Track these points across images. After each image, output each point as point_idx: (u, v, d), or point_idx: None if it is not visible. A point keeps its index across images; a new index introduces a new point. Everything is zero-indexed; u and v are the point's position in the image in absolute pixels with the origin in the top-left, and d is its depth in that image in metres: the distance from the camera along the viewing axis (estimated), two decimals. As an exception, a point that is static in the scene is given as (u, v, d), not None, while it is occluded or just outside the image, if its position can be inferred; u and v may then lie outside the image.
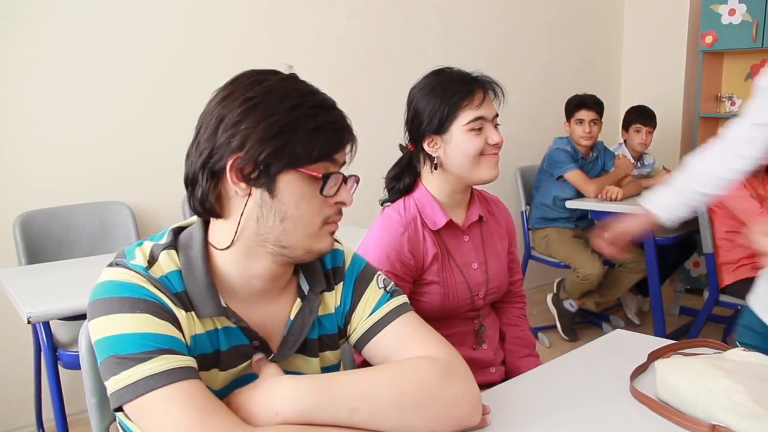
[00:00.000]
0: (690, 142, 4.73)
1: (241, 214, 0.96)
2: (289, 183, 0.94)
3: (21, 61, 2.68)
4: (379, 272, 1.17)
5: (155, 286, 0.93)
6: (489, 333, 1.64)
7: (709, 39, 4.40)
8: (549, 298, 3.90)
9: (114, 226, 2.86)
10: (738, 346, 1.25)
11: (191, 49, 3.08)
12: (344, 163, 1.00)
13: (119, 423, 1.01)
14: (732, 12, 4.28)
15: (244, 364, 1.02)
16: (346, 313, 1.13)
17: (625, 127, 3.96)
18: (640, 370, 1.24)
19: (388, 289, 1.13)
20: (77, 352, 1.23)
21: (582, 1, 4.70)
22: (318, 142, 0.93)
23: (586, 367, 1.31)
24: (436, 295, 1.50)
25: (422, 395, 0.96)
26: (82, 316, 1.70)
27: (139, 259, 0.97)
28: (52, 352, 2.08)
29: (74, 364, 2.11)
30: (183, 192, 3.42)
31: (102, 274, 0.96)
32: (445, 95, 1.47)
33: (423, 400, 0.95)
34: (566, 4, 4.60)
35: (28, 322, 1.81)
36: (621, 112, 4.95)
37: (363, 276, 1.14)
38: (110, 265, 0.97)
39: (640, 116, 3.91)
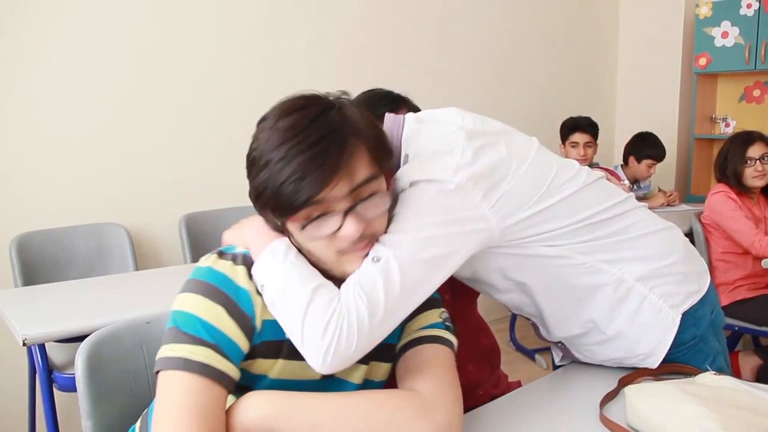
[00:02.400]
0: (685, 163, 4.75)
1: None
2: (292, 228, 1.01)
3: (17, 82, 2.70)
4: (444, 309, 1.18)
5: (248, 272, 1.02)
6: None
7: (703, 61, 4.44)
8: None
9: (110, 248, 2.85)
10: (708, 370, 1.25)
11: (188, 69, 3.10)
12: (349, 193, 0.97)
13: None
14: (725, 35, 4.33)
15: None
16: (405, 324, 1.14)
17: (637, 156, 3.92)
18: (610, 396, 1.22)
19: (445, 321, 1.15)
20: (73, 374, 1.23)
21: (576, 23, 4.75)
22: (280, 204, 0.96)
23: (556, 394, 1.30)
24: None
25: (390, 424, 0.95)
26: (77, 338, 1.70)
27: (242, 248, 1.07)
28: (47, 374, 2.07)
29: (69, 387, 2.10)
30: (180, 213, 3.43)
31: (207, 259, 1.06)
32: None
33: (391, 429, 0.95)
34: (560, 28, 4.64)
35: (24, 344, 1.81)
36: (616, 134, 4.97)
37: (433, 301, 1.16)
38: (215, 253, 1.06)
39: (657, 151, 3.88)
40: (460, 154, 1.10)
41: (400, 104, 1.52)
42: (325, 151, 0.94)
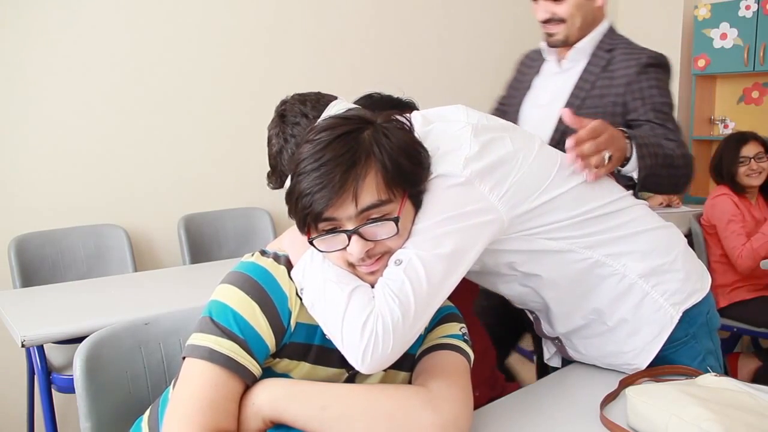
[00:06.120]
0: (684, 165, 4.74)
1: None
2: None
3: (16, 85, 2.69)
4: (464, 324, 1.22)
5: (288, 273, 1.06)
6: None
7: (701, 62, 4.44)
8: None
9: (109, 249, 2.85)
10: (708, 371, 1.25)
11: (188, 72, 3.10)
12: (357, 214, 1.00)
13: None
14: (724, 36, 4.33)
15: (333, 371, 1.09)
16: (426, 333, 1.17)
17: None
18: (611, 397, 1.22)
19: (464, 335, 1.18)
20: (71, 375, 1.23)
21: (575, 25, 4.75)
22: (299, 214, 1.02)
23: (556, 395, 1.30)
24: None
25: (396, 412, 0.98)
26: (76, 340, 1.70)
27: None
28: (45, 375, 2.07)
29: (68, 388, 2.09)
30: (178, 215, 3.41)
31: (250, 255, 1.10)
32: None
33: (396, 416, 0.98)
34: (560, 29, 4.64)
35: (22, 346, 1.80)
36: (615, 134, 4.95)
37: (453, 316, 1.21)
38: (257, 252, 1.11)
39: None
40: (468, 148, 1.13)
41: (406, 110, 1.52)
42: (331, 172, 0.98)
